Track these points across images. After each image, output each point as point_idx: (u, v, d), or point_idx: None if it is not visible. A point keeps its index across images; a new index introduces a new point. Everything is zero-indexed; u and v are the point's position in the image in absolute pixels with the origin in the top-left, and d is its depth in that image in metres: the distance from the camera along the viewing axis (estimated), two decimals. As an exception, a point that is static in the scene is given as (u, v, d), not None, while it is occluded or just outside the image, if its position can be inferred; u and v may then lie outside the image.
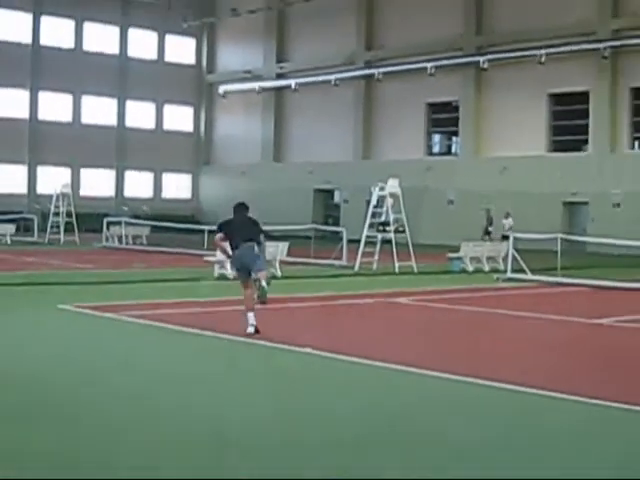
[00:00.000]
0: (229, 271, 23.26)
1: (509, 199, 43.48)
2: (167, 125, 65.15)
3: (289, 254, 27.08)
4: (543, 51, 44.97)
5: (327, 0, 53.68)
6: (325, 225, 47.20)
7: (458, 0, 50.21)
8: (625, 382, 10.74)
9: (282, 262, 25.76)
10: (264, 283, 13.91)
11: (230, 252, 14.46)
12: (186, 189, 66.01)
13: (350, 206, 53.82)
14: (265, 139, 61.30)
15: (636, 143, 45.48)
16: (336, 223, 49.67)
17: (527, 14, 46.84)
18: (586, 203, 45.31)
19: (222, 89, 62.62)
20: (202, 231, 38.48)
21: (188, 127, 66.33)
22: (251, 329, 13.48)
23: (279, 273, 24.98)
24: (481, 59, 48.04)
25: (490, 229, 41.26)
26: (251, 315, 13.64)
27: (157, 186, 64.73)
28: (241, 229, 14.41)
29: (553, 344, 14.03)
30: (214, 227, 15.91)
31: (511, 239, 27.00)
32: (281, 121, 60.79)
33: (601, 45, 43.88)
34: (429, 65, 49.29)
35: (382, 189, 28.43)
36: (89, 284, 21.56)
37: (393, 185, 28.36)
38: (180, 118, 65.92)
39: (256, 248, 14.20)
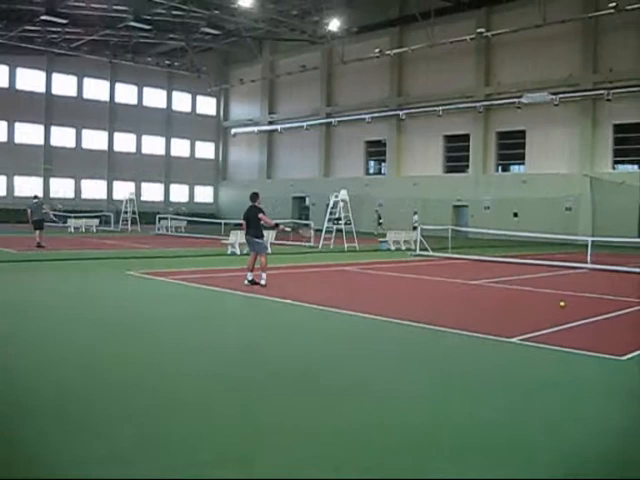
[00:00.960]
0: (237, 250, 23.41)
1: (419, 203, 43.68)
2: (198, 154, 64.54)
3: (276, 238, 27.15)
4: (441, 108, 45.00)
5: (302, 74, 53.61)
6: (299, 220, 47.13)
7: (386, 75, 50.07)
8: (493, 320, 10.90)
9: (271, 244, 25.87)
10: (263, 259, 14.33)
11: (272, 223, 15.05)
12: (210, 196, 65.49)
13: (316, 207, 53.88)
14: (261, 164, 60.99)
15: (499, 167, 45.72)
16: (307, 218, 49.60)
17: (431, 84, 46.94)
18: (467, 206, 45.48)
19: (233, 131, 62.19)
20: (220, 223, 39.02)
21: (211, 155, 65.66)
22: (262, 281, 14.05)
23: (270, 251, 25.11)
24: (400, 112, 47.93)
25: (380, 221, 43.17)
26: (261, 274, 14.12)
27: (191, 194, 64.21)
28: (249, 221, 14.53)
29: (448, 296, 14.18)
30: (228, 221, 16.03)
31: (419, 229, 27.20)
32: (271, 152, 60.48)
33: (477, 104, 44.03)
34: (367, 116, 49.27)
35: (336, 196, 28.59)
36: (146, 257, 21.61)
37: (343, 194, 28.49)
38: (206, 149, 65.28)
39: (256, 239, 14.40)
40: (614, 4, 34.49)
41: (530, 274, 19.03)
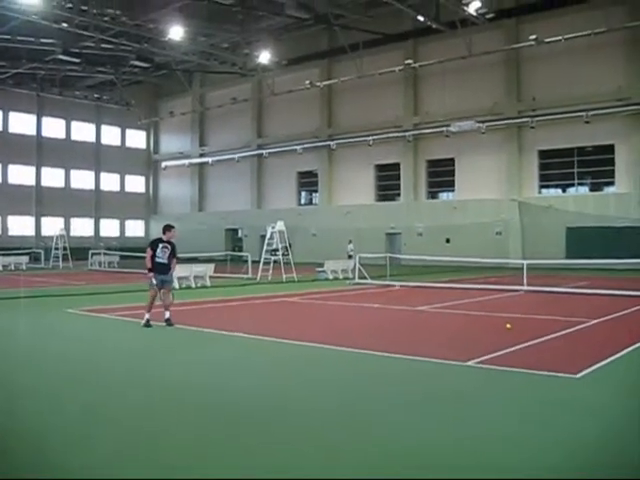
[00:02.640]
0: (176, 283, 22.99)
1: (352, 232, 43.93)
2: (128, 188, 63.47)
3: (214, 271, 26.84)
4: (371, 138, 45.70)
5: (233, 106, 53.53)
6: (233, 252, 46.77)
7: (316, 106, 50.56)
8: (444, 345, 10.96)
9: (210, 277, 25.59)
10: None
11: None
12: (141, 230, 64.34)
13: (249, 239, 53.78)
14: (192, 196, 60.53)
15: (430, 194, 46.44)
16: (240, 250, 49.38)
17: (360, 114, 47.58)
18: (400, 233, 46.05)
19: (164, 164, 61.55)
20: None
21: (141, 189, 64.77)
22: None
23: (208, 284, 24.81)
24: (331, 143, 48.48)
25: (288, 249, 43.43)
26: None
27: (122, 228, 62.98)
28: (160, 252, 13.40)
29: (395, 323, 14.22)
30: None
31: (357, 257, 27.17)
32: (202, 185, 60.11)
33: (406, 133, 44.88)
34: (298, 147, 49.57)
35: (273, 227, 28.49)
36: (84, 295, 21.03)
37: (280, 225, 28.45)
38: (136, 183, 64.29)
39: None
40: (534, 36, 35.81)
41: (469, 298, 19.35)
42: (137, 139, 64.18)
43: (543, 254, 34.15)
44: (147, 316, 13.08)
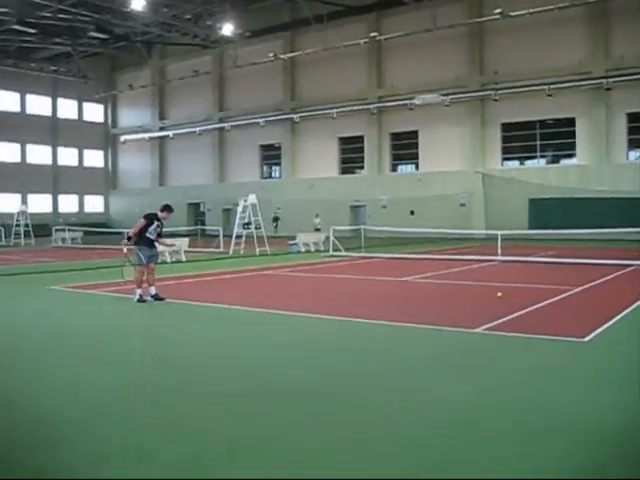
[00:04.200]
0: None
1: (316, 205, 43.99)
2: (86, 163, 62.26)
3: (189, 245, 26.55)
4: (334, 111, 45.50)
5: (194, 79, 52.77)
6: (195, 226, 46.29)
7: (279, 79, 50.19)
8: (448, 313, 11.05)
9: (185, 251, 25.42)
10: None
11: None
12: (100, 205, 63.42)
13: (212, 213, 53.56)
14: (153, 171, 59.62)
15: (394, 167, 46.71)
16: (203, 224, 49.00)
17: (324, 87, 47.38)
18: (364, 206, 46.30)
19: (123, 138, 60.56)
20: (112, 232, 38.73)
21: (100, 164, 63.59)
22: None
23: (184, 258, 24.65)
24: (294, 116, 48.29)
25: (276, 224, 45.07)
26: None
27: (81, 204, 61.87)
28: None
29: (389, 294, 14.30)
30: (120, 230, 14.70)
31: (331, 230, 27.10)
32: (163, 159, 59.26)
33: (371, 106, 44.88)
34: (261, 120, 49.11)
35: (245, 201, 28.28)
36: (63, 271, 20.53)
37: (252, 198, 28.25)
38: (95, 158, 63.09)
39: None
40: (499, 10, 36.05)
41: (449, 269, 19.58)
42: (95, 113, 62.81)
43: (506, 225, 34.54)
44: (139, 292, 13.02)
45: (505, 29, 39.20)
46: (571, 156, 39.64)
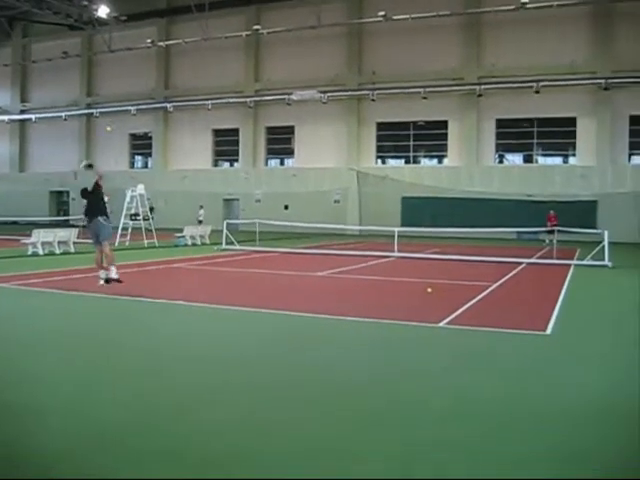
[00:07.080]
0: (40, 249, 21.28)
1: (189, 197, 42.87)
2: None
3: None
4: (210, 102, 44.42)
5: (61, 61, 49.85)
6: (58, 216, 43.75)
7: (153, 66, 48.42)
8: (389, 307, 10.89)
9: (73, 243, 23.69)
10: None
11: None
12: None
13: (76, 202, 50.88)
14: (12, 156, 55.55)
15: (269, 161, 46.40)
16: (66, 214, 46.48)
17: (200, 77, 46.24)
18: (238, 199, 45.65)
19: (-23, 120, 56.43)
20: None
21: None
22: (114, 275, 12.60)
23: (72, 249, 23.02)
24: (168, 105, 46.81)
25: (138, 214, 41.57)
26: (110, 268, 12.61)
27: None
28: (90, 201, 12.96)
29: (320, 288, 14.01)
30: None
31: (224, 223, 26.23)
32: (24, 143, 55.33)
33: (247, 99, 44.32)
34: (132, 108, 47.15)
35: (133, 191, 26.97)
36: None
37: (141, 188, 27.00)
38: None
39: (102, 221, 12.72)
40: (383, 13, 36.61)
41: (354, 264, 19.13)
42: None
43: (380, 222, 34.95)
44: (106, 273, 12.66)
45: (385, 31, 39.91)
46: (443, 157, 41.03)
